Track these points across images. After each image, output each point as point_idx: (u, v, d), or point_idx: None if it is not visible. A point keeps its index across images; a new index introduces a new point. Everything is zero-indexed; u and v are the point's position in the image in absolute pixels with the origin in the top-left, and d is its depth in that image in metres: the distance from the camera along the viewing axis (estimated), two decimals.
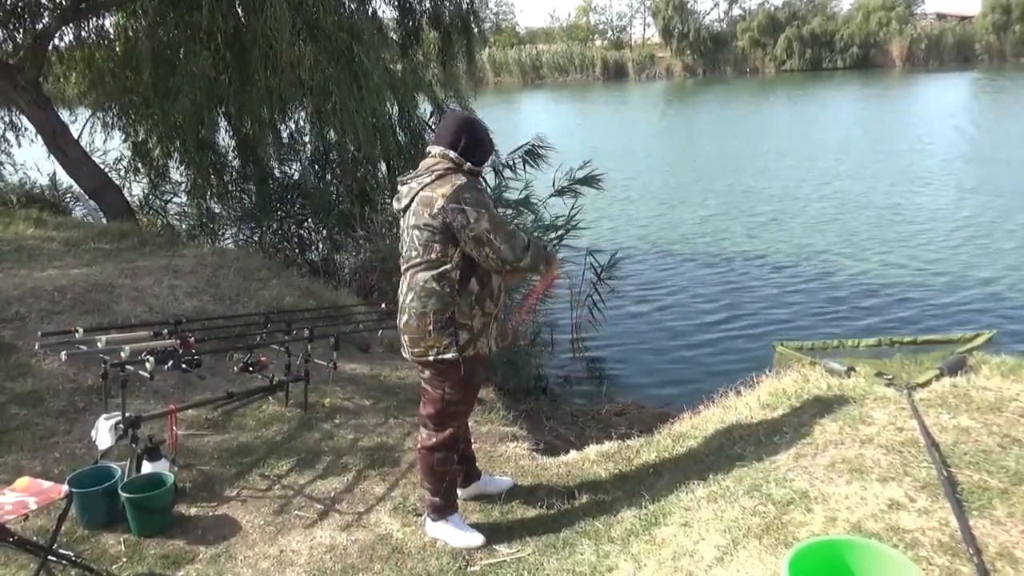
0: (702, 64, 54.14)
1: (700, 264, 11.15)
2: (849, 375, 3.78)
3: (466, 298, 2.94)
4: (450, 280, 2.91)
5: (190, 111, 8.03)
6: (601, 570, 2.84)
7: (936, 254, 10.81)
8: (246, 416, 4.49)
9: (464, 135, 2.97)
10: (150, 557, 3.18)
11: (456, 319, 2.94)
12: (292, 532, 3.37)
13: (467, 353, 2.99)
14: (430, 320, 2.94)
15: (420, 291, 2.95)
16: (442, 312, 2.93)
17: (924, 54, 49.97)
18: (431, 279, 2.92)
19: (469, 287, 2.94)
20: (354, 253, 8.71)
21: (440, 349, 2.97)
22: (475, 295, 2.95)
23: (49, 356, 4.57)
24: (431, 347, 2.98)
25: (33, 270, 6.32)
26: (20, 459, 3.89)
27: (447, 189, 2.85)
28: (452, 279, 2.91)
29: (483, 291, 2.98)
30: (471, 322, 2.97)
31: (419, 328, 2.97)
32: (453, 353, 2.96)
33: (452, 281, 2.92)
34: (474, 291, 2.95)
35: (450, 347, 2.96)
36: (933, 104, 29.29)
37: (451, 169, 2.93)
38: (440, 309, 2.93)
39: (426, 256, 2.92)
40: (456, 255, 2.89)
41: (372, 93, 8.15)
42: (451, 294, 2.92)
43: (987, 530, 2.38)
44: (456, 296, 2.93)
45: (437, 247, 2.89)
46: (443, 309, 2.93)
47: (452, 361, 2.98)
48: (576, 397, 7.22)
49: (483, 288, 2.97)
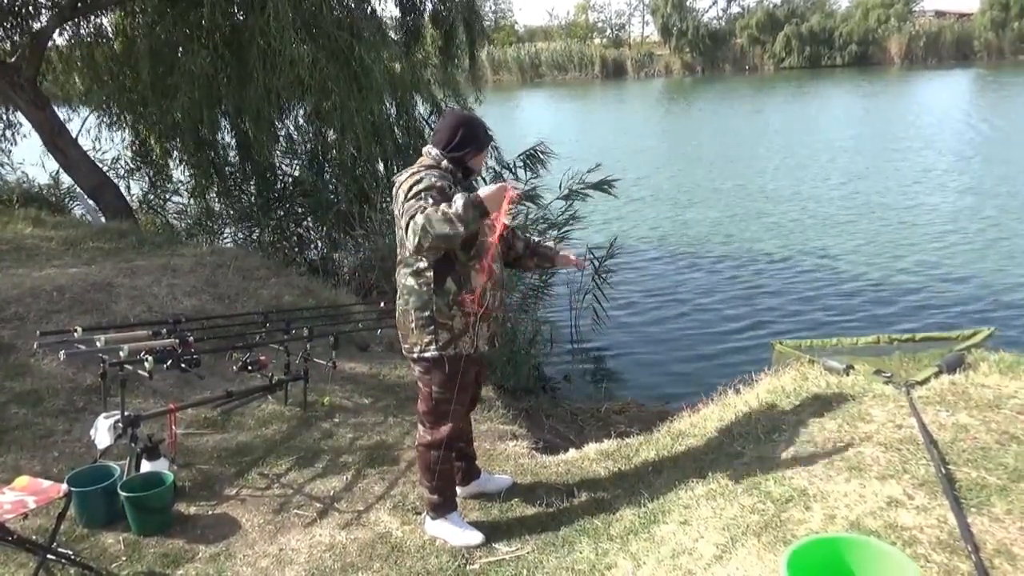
0: (701, 62, 54.14)
1: (699, 263, 11.15)
2: (848, 373, 3.79)
3: (443, 297, 2.93)
4: (425, 278, 2.93)
5: (189, 110, 8.02)
6: (600, 568, 2.84)
7: (934, 251, 10.81)
8: (245, 415, 4.49)
9: (458, 132, 2.99)
10: (149, 556, 3.19)
11: (435, 318, 2.95)
12: (292, 531, 3.37)
13: (448, 352, 2.98)
14: (412, 317, 2.98)
15: (402, 288, 3.01)
16: (421, 310, 2.95)
17: (923, 51, 49.98)
18: (409, 275, 2.97)
19: (445, 287, 2.93)
20: (353, 252, 8.70)
21: (422, 347, 3.00)
22: (452, 295, 2.93)
23: (48, 355, 4.58)
24: (415, 344, 3.01)
25: (32, 269, 6.32)
26: (19, 458, 3.89)
27: (406, 184, 2.84)
28: (427, 277, 2.93)
29: (460, 291, 2.93)
30: (451, 322, 2.96)
31: (404, 324, 3.03)
32: (434, 351, 2.98)
33: (428, 279, 2.93)
34: (451, 291, 2.93)
35: (431, 345, 2.98)
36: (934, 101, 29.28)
37: (425, 166, 2.94)
38: (419, 307, 2.95)
39: (402, 252, 2.97)
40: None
41: (372, 92, 8.15)
42: (428, 292, 2.93)
43: (985, 527, 2.39)
44: (433, 295, 2.93)
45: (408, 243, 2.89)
46: (422, 307, 2.95)
47: (435, 359, 3.00)
48: (576, 395, 7.22)
49: (461, 288, 2.93)
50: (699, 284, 10.18)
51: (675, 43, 54.36)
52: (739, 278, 10.31)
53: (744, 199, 14.71)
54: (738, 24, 54.42)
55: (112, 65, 9.43)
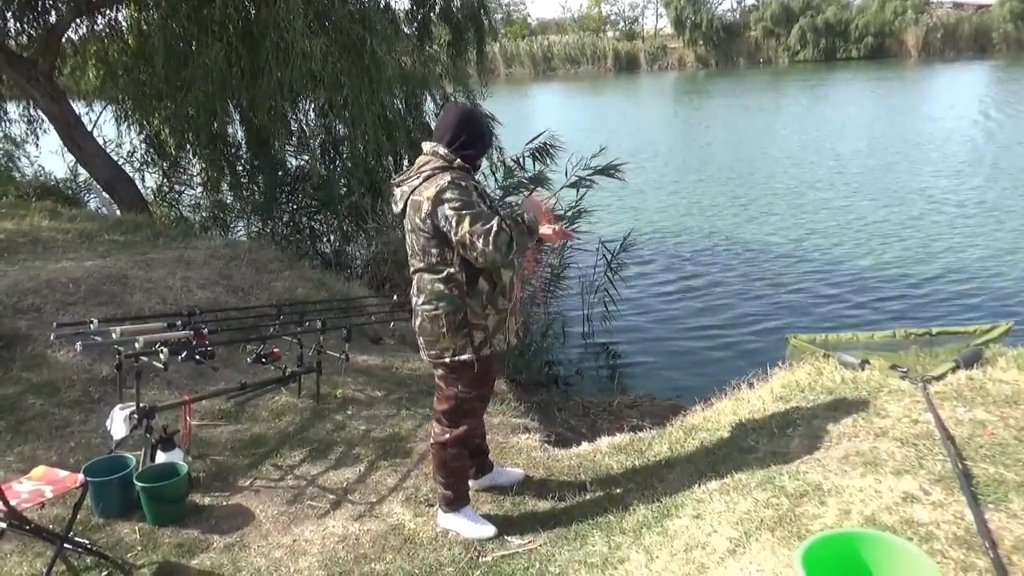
0: (715, 55, 53.71)
1: (713, 256, 11.09)
2: (863, 368, 3.76)
3: (477, 298, 2.90)
4: (457, 282, 2.87)
5: (203, 103, 8.05)
6: (613, 561, 2.83)
7: (952, 245, 10.70)
8: (259, 407, 4.52)
9: (464, 129, 2.92)
10: (165, 545, 3.21)
11: (469, 320, 2.90)
12: (305, 522, 3.39)
13: (483, 352, 2.96)
14: (443, 323, 2.91)
15: (430, 294, 2.92)
16: (454, 314, 2.89)
17: (940, 44, 49.34)
18: (438, 282, 2.89)
19: (478, 287, 2.89)
20: (365, 245, 8.73)
21: (455, 351, 2.94)
22: (486, 294, 2.91)
23: (64, 347, 4.61)
24: (446, 349, 2.95)
25: (48, 262, 6.37)
26: (36, 448, 3.93)
27: (432, 191, 2.78)
28: (459, 281, 2.87)
29: (494, 289, 2.92)
30: (485, 321, 2.93)
31: (433, 331, 2.95)
32: (469, 354, 2.94)
33: (460, 283, 2.87)
34: (484, 290, 2.90)
35: (465, 348, 2.93)
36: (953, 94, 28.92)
37: (439, 168, 2.86)
38: (452, 311, 2.89)
39: (427, 260, 2.89)
40: (456, 257, 2.84)
41: (384, 85, 8.15)
42: (460, 296, 2.88)
43: (1003, 523, 2.36)
44: (466, 297, 2.88)
45: (435, 251, 2.85)
46: (455, 311, 2.89)
47: (467, 362, 2.96)
48: (588, 389, 7.21)
49: (493, 286, 2.92)
50: (713, 278, 10.13)
51: (689, 36, 53.93)
52: (753, 272, 10.25)
53: (759, 192, 14.61)
54: (752, 17, 53.92)
55: (127, 59, 9.47)
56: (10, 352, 4.71)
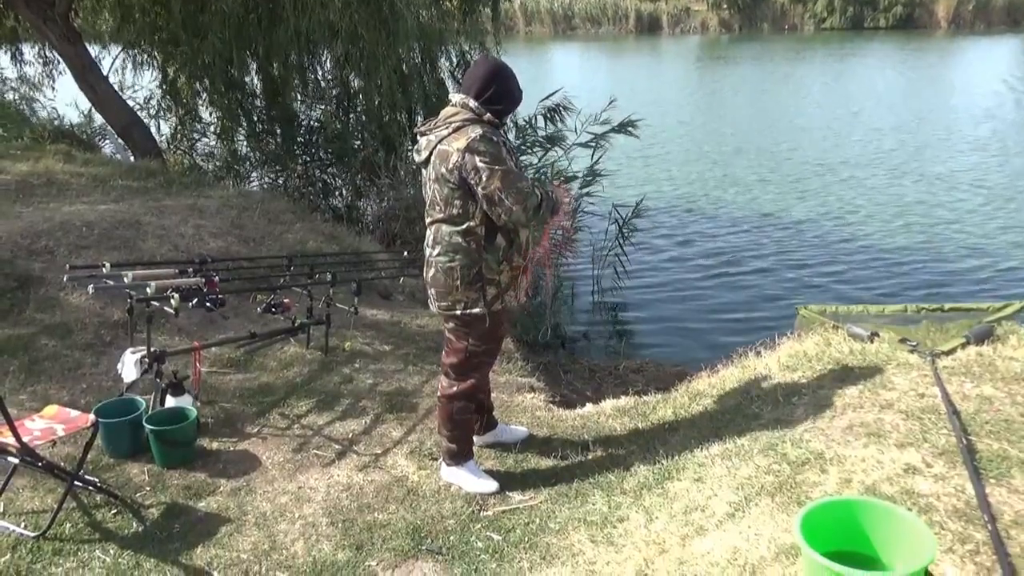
0: (739, 19, 52.53)
1: (726, 224, 10.99)
2: (872, 340, 3.74)
3: (493, 253, 2.91)
4: (476, 236, 2.88)
5: (219, 50, 7.97)
6: (612, 520, 2.87)
7: (968, 221, 10.56)
8: (268, 356, 4.56)
9: (493, 83, 2.89)
10: (173, 487, 3.28)
11: (484, 274, 2.92)
12: (310, 470, 3.44)
13: (495, 307, 2.98)
14: (457, 275, 2.92)
15: (447, 246, 2.92)
16: (469, 268, 2.90)
17: (971, 15, 48.07)
18: (456, 234, 2.89)
19: (496, 242, 2.90)
20: (377, 200, 8.70)
21: (467, 303, 2.96)
22: (502, 250, 2.92)
23: (77, 289, 4.65)
24: (458, 301, 2.97)
25: (62, 204, 6.40)
26: (48, 388, 4.00)
27: (462, 143, 2.78)
28: (478, 235, 2.88)
29: (511, 246, 2.95)
30: (499, 277, 2.96)
31: (446, 283, 2.95)
32: (481, 308, 2.95)
33: (478, 237, 2.88)
34: (501, 246, 2.92)
35: (477, 302, 2.95)
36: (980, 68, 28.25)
37: (469, 120, 2.85)
38: (467, 264, 2.90)
39: (448, 211, 2.88)
40: (478, 211, 2.85)
41: (401, 38, 8.03)
42: (477, 250, 2.89)
43: (1003, 498, 2.37)
44: (483, 251, 2.89)
45: (458, 203, 2.85)
46: (471, 264, 2.90)
47: (479, 315, 2.98)
48: (594, 352, 7.23)
49: (511, 243, 2.94)
50: (725, 246, 10.05)
51: None
52: (766, 242, 10.17)
53: (779, 163, 14.41)
54: None
55: (144, 2, 9.36)
56: (24, 293, 4.76)
